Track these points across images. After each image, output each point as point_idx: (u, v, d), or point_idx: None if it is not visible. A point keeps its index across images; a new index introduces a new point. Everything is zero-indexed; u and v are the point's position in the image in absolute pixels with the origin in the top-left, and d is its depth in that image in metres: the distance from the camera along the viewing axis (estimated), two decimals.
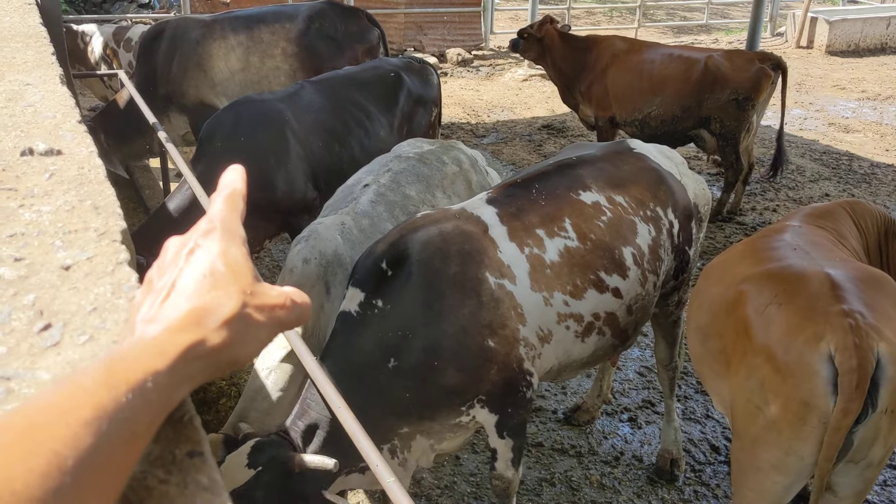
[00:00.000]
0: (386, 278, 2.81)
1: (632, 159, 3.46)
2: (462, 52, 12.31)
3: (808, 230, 3.19)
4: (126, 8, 12.33)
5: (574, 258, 3.03)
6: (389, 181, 3.79)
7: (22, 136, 1.15)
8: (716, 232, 6.87)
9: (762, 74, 6.68)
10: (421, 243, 2.84)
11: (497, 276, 2.85)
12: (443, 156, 4.01)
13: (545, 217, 3.06)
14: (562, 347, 3.04)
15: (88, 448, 0.54)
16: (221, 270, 0.71)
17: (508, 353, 2.84)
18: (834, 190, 7.84)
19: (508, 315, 2.84)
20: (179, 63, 6.16)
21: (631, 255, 3.18)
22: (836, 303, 2.52)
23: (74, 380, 0.59)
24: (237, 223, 0.78)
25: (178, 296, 0.69)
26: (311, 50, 6.35)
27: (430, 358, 2.76)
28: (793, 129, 9.77)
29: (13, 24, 1.99)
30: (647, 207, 3.31)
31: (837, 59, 13.46)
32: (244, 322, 0.70)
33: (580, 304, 3.02)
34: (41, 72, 1.53)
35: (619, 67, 7.18)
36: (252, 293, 0.72)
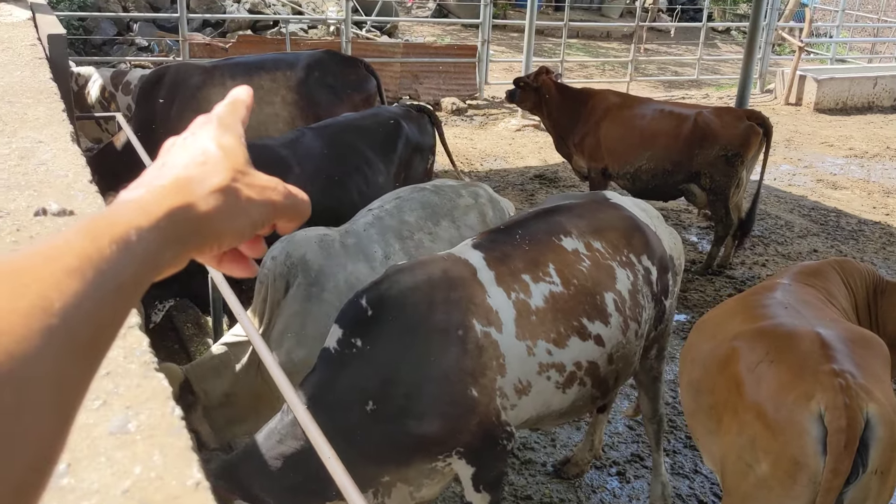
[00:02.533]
0: (366, 318, 2.78)
1: (608, 208, 3.51)
2: (457, 102, 12.47)
3: (798, 288, 3.24)
4: (126, 51, 12.48)
5: (559, 303, 3.01)
6: (393, 207, 3.88)
7: (35, 195, 1.19)
8: (706, 285, 6.92)
9: (751, 132, 6.81)
10: (408, 287, 2.83)
11: (484, 323, 2.83)
12: (461, 189, 4.11)
13: (530, 262, 3.06)
14: (541, 399, 3.00)
15: (75, 293, 0.53)
16: (213, 150, 0.72)
17: (488, 404, 2.80)
18: (822, 246, 7.93)
19: (490, 364, 2.81)
20: (178, 108, 6.24)
21: (612, 301, 3.17)
22: (827, 362, 2.56)
23: (57, 234, 0.58)
24: (236, 122, 0.79)
25: (167, 169, 0.69)
26: (309, 98, 6.45)
27: (410, 404, 2.73)
28: (781, 184, 9.90)
29: (24, 79, 2.03)
30: (623, 253, 3.32)
31: (826, 117, 13.70)
32: (233, 195, 0.70)
33: (563, 353, 3.00)
34: (53, 129, 1.56)
35: (612, 121, 7.31)
36: (243, 172, 0.73)
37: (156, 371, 0.79)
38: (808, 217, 8.78)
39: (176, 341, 5.37)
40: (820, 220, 8.71)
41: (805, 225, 8.51)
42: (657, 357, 3.73)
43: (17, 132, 1.54)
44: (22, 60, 2.29)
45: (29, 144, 1.47)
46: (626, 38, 19.20)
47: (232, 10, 14.26)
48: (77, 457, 0.65)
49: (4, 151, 1.39)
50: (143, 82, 6.57)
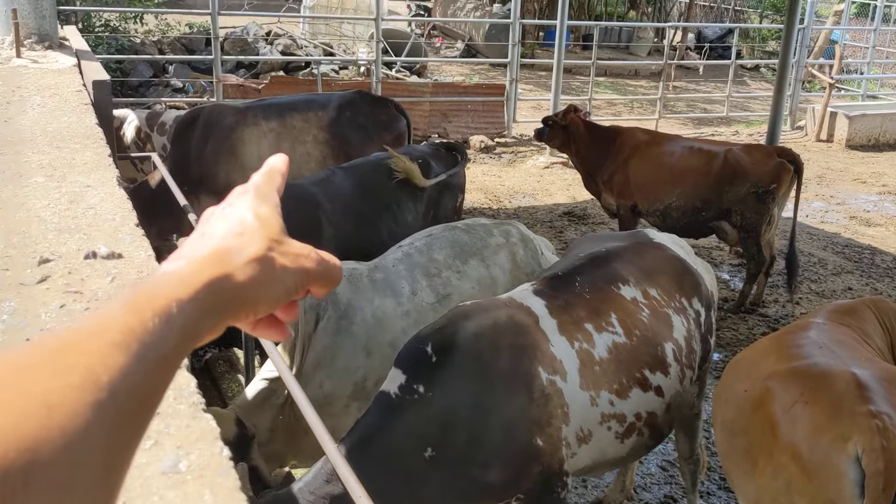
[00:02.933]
0: (430, 364, 2.75)
1: (653, 249, 3.48)
2: (485, 139, 12.57)
3: (832, 327, 3.20)
4: (161, 92, 12.76)
5: (622, 354, 2.97)
6: (423, 245, 3.93)
7: (84, 238, 1.23)
8: (739, 324, 6.84)
9: (782, 169, 6.77)
10: (473, 333, 2.79)
11: (550, 371, 2.79)
12: (493, 228, 4.14)
13: (592, 311, 3.02)
14: (598, 448, 2.97)
15: (120, 367, 0.55)
16: (250, 221, 0.74)
17: (553, 453, 2.76)
18: (857, 284, 7.82)
19: (555, 413, 2.77)
20: (212, 147, 6.37)
21: (671, 351, 3.14)
22: (863, 403, 2.52)
23: (101, 309, 0.60)
24: (272, 191, 0.82)
25: (206, 239, 0.72)
26: (341, 137, 6.55)
27: (473, 451, 2.67)
28: (814, 221, 9.81)
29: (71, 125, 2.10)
30: (676, 299, 3.29)
31: (858, 153, 13.59)
32: (269, 264, 0.72)
33: (624, 404, 2.96)
34: (100, 173, 1.62)
35: (641, 158, 7.32)
36: (278, 241, 0.75)
37: (204, 412, 0.82)
38: (842, 254, 8.67)
39: (207, 378, 5.41)
40: (854, 257, 8.60)
41: (839, 262, 8.41)
42: (698, 395, 3.68)
43: (67, 177, 1.59)
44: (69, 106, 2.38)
45: (78, 189, 1.52)
46: (654, 75, 19.25)
47: (265, 51, 14.55)
48: (131, 496, 0.67)
49: (55, 196, 1.45)
50: (178, 123, 6.73)
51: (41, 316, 1.01)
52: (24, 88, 2.90)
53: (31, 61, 3.76)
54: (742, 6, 26.35)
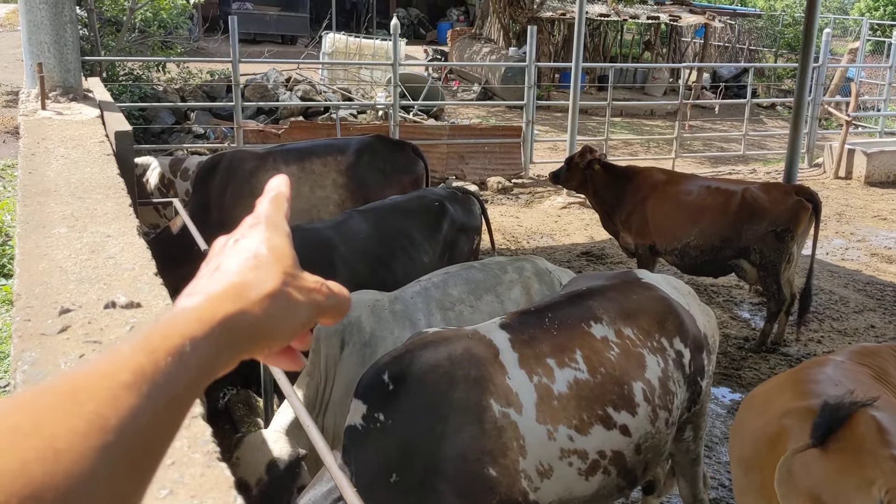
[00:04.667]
0: (387, 392, 2.83)
1: (640, 289, 3.46)
2: (502, 181, 12.64)
3: (851, 366, 3.17)
4: (183, 138, 12.98)
5: (583, 391, 2.98)
6: (439, 280, 4.12)
7: (104, 288, 1.26)
8: (760, 363, 6.77)
9: (800, 207, 6.76)
10: (428, 364, 2.86)
11: (503, 404, 2.83)
12: (507, 265, 4.28)
13: (556, 347, 3.05)
14: (563, 484, 2.96)
15: (130, 409, 0.55)
16: (264, 254, 0.75)
17: (511, 486, 2.79)
18: (880, 321, 7.73)
19: (510, 445, 2.80)
20: (233, 192, 6.46)
21: (641, 391, 3.11)
22: (885, 447, 2.49)
23: (114, 349, 0.60)
24: (282, 219, 0.83)
25: (221, 273, 0.72)
26: (360, 181, 6.63)
27: (430, 479, 2.74)
28: (834, 259, 9.73)
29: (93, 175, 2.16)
30: (654, 339, 3.27)
31: (877, 190, 13.51)
32: (284, 299, 0.72)
33: (585, 441, 2.96)
34: (120, 224, 1.66)
35: (659, 198, 7.33)
36: (293, 275, 0.75)
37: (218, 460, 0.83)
38: (864, 292, 8.58)
39: (227, 422, 5.42)
40: (876, 294, 8.51)
41: (860, 300, 8.32)
42: (693, 438, 3.63)
43: (88, 227, 1.63)
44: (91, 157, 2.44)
45: (98, 239, 1.56)
46: (670, 115, 19.33)
47: (284, 97, 14.80)
48: None
49: (77, 246, 1.48)
50: (200, 168, 6.85)
51: (61, 365, 1.03)
52: (48, 140, 2.98)
53: (56, 113, 3.86)
54: (757, 45, 26.52)
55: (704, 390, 3.53)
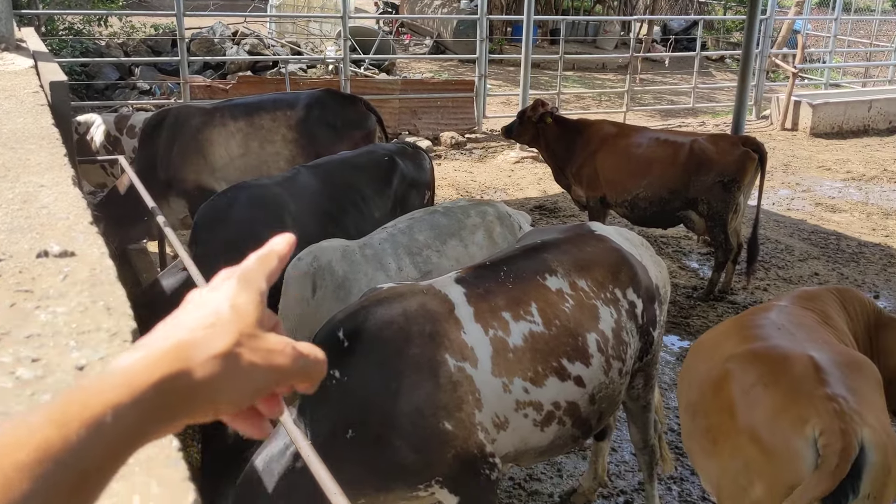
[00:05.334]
0: (343, 349, 2.82)
1: (593, 241, 3.49)
2: (455, 136, 12.59)
3: (794, 310, 3.25)
4: (128, 95, 12.63)
5: (538, 343, 3.01)
6: (405, 227, 4.21)
7: (37, 237, 1.23)
8: (708, 311, 6.93)
9: (746, 158, 6.87)
10: (383, 321, 2.86)
11: (458, 358, 2.85)
12: (470, 210, 4.36)
13: (512, 300, 3.06)
14: (518, 435, 3.00)
15: (22, 493, 0.51)
16: (224, 311, 0.70)
17: (467, 438, 2.82)
18: (823, 269, 7.95)
19: (466, 399, 2.83)
20: (180, 149, 6.32)
21: (594, 342, 3.16)
22: (821, 386, 2.56)
23: (24, 418, 0.56)
24: (259, 277, 0.77)
25: (173, 328, 0.68)
26: (310, 136, 6.53)
27: (386, 434, 2.76)
28: (780, 209, 9.95)
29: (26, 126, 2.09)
30: (608, 290, 3.31)
31: (822, 141, 13.79)
32: (234, 360, 0.67)
33: (540, 392, 3.00)
34: (54, 174, 1.61)
35: (609, 150, 7.39)
36: (251, 335, 0.70)
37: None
38: (809, 241, 8.81)
39: None
40: (820, 243, 8.74)
41: (805, 249, 8.54)
42: (644, 387, 3.70)
43: (20, 177, 1.58)
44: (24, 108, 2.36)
45: (31, 189, 1.51)
46: (621, 69, 19.39)
47: (231, 51, 14.45)
48: None
49: (8, 196, 1.44)
50: (145, 125, 6.67)
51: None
52: None
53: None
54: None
55: (656, 340, 3.60)
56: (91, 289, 1.08)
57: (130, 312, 1.04)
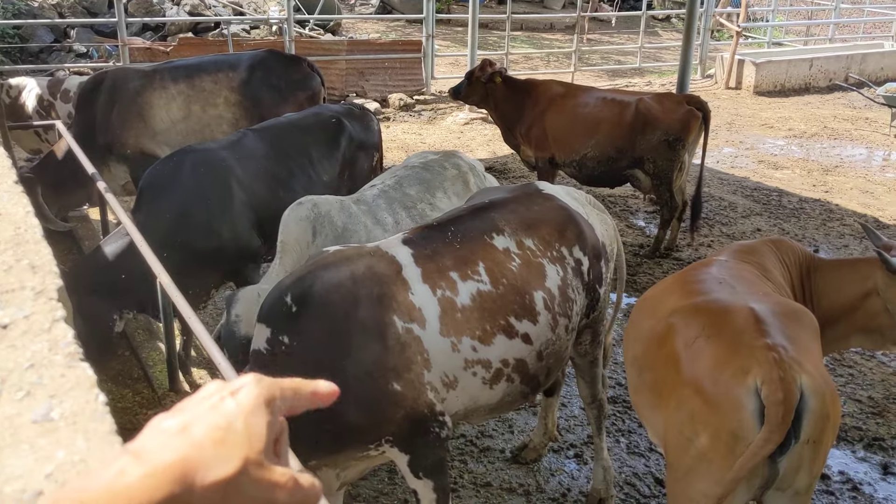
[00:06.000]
0: (290, 314, 2.81)
1: (540, 200, 3.51)
2: (404, 97, 12.49)
3: (734, 264, 3.32)
4: (64, 58, 12.23)
5: (486, 302, 3.03)
6: (394, 183, 4.29)
7: None
8: (654, 268, 7.05)
9: (691, 116, 6.95)
10: (330, 284, 2.85)
11: (406, 320, 2.86)
12: (444, 162, 4.50)
13: (459, 260, 3.08)
14: (468, 394, 3.04)
15: None
16: (238, 429, 0.66)
17: (417, 398, 2.85)
18: (765, 225, 8.14)
19: (414, 360, 2.84)
20: (119, 113, 6.15)
21: (541, 300, 3.19)
22: (761, 337, 2.63)
23: None
24: (282, 407, 0.73)
25: (181, 437, 0.64)
26: (253, 98, 6.41)
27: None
28: (724, 167, 10.12)
29: None
30: (554, 248, 3.33)
31: (765, 99, 14.02)
32: (235, 489, 0.64)
33: (489, 350, 3.02)
34: None
35: (557, 110, 7.41)
36: (257, 463, 0.66)
37: (80, 361, 0.81)
38: (751, 197, 8.99)
39: (127, 348, 5.30)
40: (762, 199, 8.93)
41: (748, 205, 8.72)
42: (591, 343, 3.76)
43: None
44: None
45: None
46: (568, 28, 19.39)
47: (171, 12, 14.06)
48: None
49: None
50: (81, 89, 6.47)
51: None
52: None
53: None
54: None
55: (602, 297, 3.65)
56: (16, 248, 1.05)
57: (56, 270, 1.02)
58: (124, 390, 4.83)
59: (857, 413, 4.91)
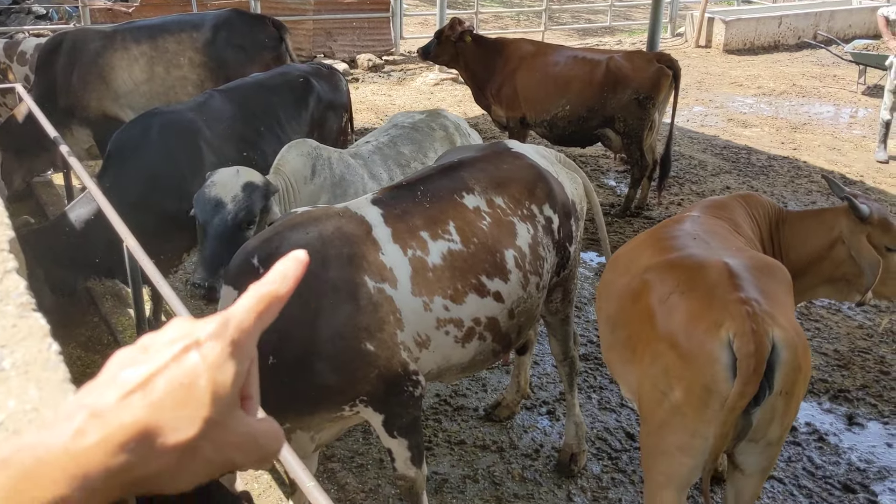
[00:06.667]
0: (258, 276, 2.78)
1: (510, 158, 3.49)
2: (372, 58, 12.33)
3: (706, 220, 3.34)
4: (23, 20, 11.87)
5: (456, 261, 3.03)
6: (387, 141, 4.38)
7: None
8: (624, 227, 7.08)
9: (661, 74, 6.94)
10: (299, 245, 2.80)
11: (377, 280, 2.84)
12: (431, 123, 4.57)
13: (429, 219, 3.06)
14: (440, 353, 3.04)
15: None
16: (202, 387, 0.62)
17: (390, 358, 2.84)
18: (734, 183, 8.20)
19: (387, 319, 2.83)
20: (79, 75, 6.00)
21: (512, 258, 3.19)
22: (734, 291, 2.64)
23: None
24: (253, 338, 0.69)
25: (141, 396, 0.60)
26: (218, 59, 6.28)
27: (307, 358, 2.74)
28: (694, 125, 10.15)
29: None
30: (524, 206, 3.33)
31: (734, 58, 14.04)
32: (190, 454, 0.61)
33: (460, 309, 3.03)
34: None
35: (527, 70, 7.36)
36: (217, 425, 0.62)
37: (33, 311, 0.78)
38: (721, 156, 9.04)
39: (96, 314, 5.24)
40: (732, 157, 8.98)
41: (718, 163, 8.77)
42: (563, 300, 3.77)
43: None
44: None
45: None
46: None
47: None
48: None
49: None
50: (41, 51, 6.31)
51: None
52: None
53: None
54: None
55: (573, 255, 3.65)
56: None
57: (8, 221, 0.98)
58: (94, 356, 4.78)
59: (823, 366, 5.00)
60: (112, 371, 0.63)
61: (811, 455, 4.20)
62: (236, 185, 3.50)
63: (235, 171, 3.57)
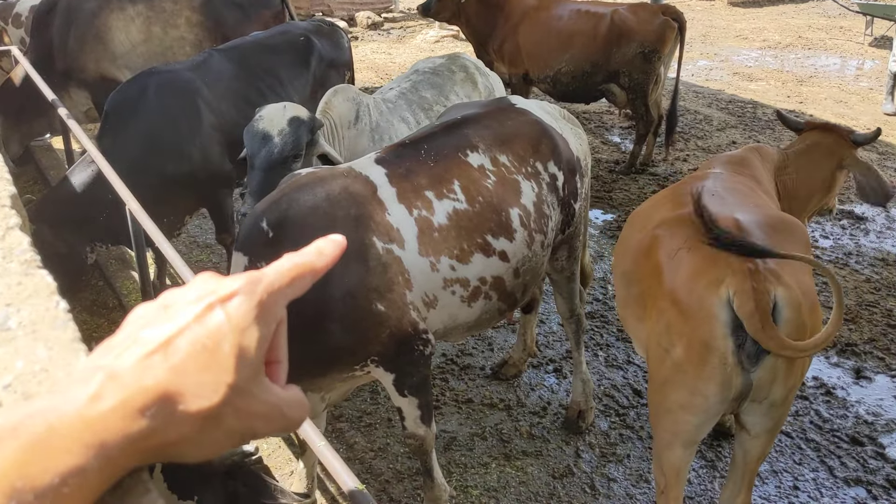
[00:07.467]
0: (268, 240, 2.75)
1: (514, 115, 3.43)
2: (372, 16, 12.16)
3: (728, 176, 3.28)
4: None
5: (462, 221, 3.00)
6: (410, 86, 4.50)
7: None
8: (630, 184, 7.03)
9: (666, 27, 6.83)
10: (307, 207, 2.79)
11: (385, 240, 2.82)
12: (451, 66, 4.69)
13: (434, 178, 3.02)
14: (447, 312, 3.03)
15: None
16: (226, 352, 0.59)
17: (401, 318, 2.83)
18: (740, 137, 8.11)
19: (396, 280, 2.82)
20: (76, 36, 5.91)
21: (517, 217, 3.16)
22: None
23: None
24: (282, 303, 0.65)
25: (163, 359, 0.58)
26: (216, 18, 6.18)
27: (319, 321, 2.73)
28: (699, 79, 10.03)
29: None
30: (529, 164, 3.28)
31: (739, 10, 13.83)
32: (213, 422, 0.59)
33: (467, 269, 3.01)
34: None
35: (530, 24, 7.24)
36: (241, 392, 0.60)
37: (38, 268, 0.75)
38: (726, 110, 8.94)
39: (101, 278, 5.23)
40: (737, 112, 8.88)
41: (723, 118, 8.67)
42: (568, 258, 3.74)
43: None
44: None
45: None
46: None
47: None
48: None
49: None
50: (36, 12, 6.20)
51: None
52: None
53: None
54: None
55: (578, 212, 3.61)
56: None
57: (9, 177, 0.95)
58: (99, 320, 4.78)
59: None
60: (130, 330, 0.60)
61: (819, 409, 4.21)
62: (283, 120, 3.55)
63: (283, 107, 3.63)
